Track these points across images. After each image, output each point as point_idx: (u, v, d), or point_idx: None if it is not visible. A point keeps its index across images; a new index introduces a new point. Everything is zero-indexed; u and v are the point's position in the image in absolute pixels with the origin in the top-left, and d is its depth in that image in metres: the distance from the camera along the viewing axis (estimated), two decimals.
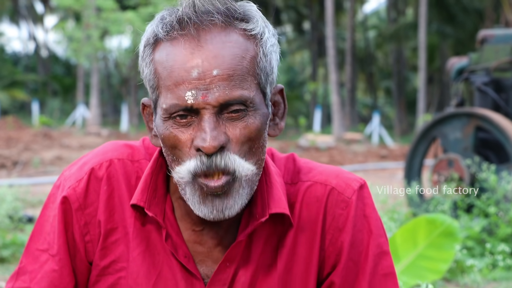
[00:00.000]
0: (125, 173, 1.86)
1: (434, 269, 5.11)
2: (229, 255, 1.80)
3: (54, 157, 16.70)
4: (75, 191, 1.84)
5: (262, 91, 1.71)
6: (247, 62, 1.66)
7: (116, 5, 25.67)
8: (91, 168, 1.86)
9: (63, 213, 1.85)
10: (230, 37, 1.66)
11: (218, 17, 1.66)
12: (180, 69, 1.63)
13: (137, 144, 1.93)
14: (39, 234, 1.89)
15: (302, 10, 52.57)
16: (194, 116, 1.65)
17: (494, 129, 7.73)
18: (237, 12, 1.69)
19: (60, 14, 52.08)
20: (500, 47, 8.58)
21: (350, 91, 40.94)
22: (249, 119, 1.67)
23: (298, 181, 1.88)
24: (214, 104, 1.63)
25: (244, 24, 1.69)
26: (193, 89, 1.62)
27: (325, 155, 19.59)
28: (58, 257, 1.84)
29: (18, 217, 7.40)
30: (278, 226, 1.84)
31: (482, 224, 6.71)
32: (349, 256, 1.85)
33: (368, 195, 1.89)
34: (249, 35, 1.69)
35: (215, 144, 1.62)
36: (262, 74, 1.69)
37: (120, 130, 30.10)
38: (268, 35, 1.72)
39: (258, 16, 1.73)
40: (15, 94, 42.47)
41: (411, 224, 5.31)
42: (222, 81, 1.62)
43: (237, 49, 1.65)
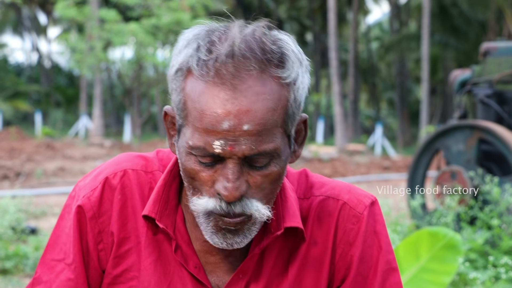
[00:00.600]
0: (139, 183, 1.88)
1: (437, 282, 5.10)
2: (243, 267, 1.82)
3: (57, 168, 16.71)
4: (90, 200, 1.86)
5: (287, 134, 1.72)
6: (278, 114, 1.66)
7: (119, 17, 25.69)
8: (105, 177, 1.88)
9: (78, 222, 1.86)
10: (265, 87, 1.64)
11: (255, 66, 1.63)
12: (212, 117, 1.62)
13: (151, 155, 1.94)
14: (54, 244, 1.90)
15: (304, 22, 52.66)
16: (219, 160, 1.67)
17: (497, 141, 7.73)
18: (274, 57, 1.66)
19: (63, 25, 52.20)
20: (503, 60, 8.59)
21: (353, 102, 40.98)
22: (272, 167, 1.69)
23: (310, 196, 1.91)
24: (240, 156, 1.64)
25: (279, 71, 1.66)
26: (222, 139, 1.62)
27: (328, 166, 19.58)
28: (73, 266, 1.86)
29: (21, 229, 7.40)
30: (290, 239, 1.87)
31: (485, 237, 6.70)
32: (358, 271, 1.87)
33: (379, 212, 1.92)
34: (283, 82, 1.67)
35: (237, 195, 1.65)
36: (290, 120, 1.70)
37: (123, 141, 30.12)
38: (302, 77, 1.71)
39: (294, 57, 1.70)
40: (18, 105, 42.51)
41: (413, 237, 5.31)
42: (250, 136, 1.62)
43: (270, 101, 1.64)
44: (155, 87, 30.26)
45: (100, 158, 19.63)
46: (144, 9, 26.17)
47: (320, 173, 15.64)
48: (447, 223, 6.84)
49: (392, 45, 39.55)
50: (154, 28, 25.10)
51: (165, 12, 24.99)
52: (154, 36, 25.20)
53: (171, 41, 26.73)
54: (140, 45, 25.23)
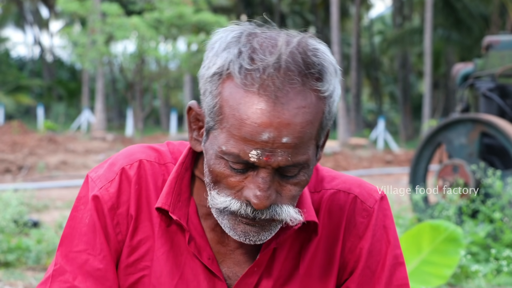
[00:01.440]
0: (153, 174, 1.89)
1: (439, 274, 5.11)
2: (259, 260, 1.84)
3: (59, 161, 16.72)
4: (108, 191, 1.87)
5: (317, 145, 1.74)
6: (314, 127, 1.68)
7: (121, 11, 25.68)
8: (121, 168, 1.88)
9: (97, 213, 1.86)
10: (305, 100, 1.65)
11: (298, 79, 1.64)
12: (252, 127, 1.63)
13: (163, 148, 1.95)
14: (71, 236, 1.89)
15: (307, 16, 52.60)
16: (251, 167, 1.68)
17: (499, 135, 7.73)
18: (315, 70, 1.67)
19: (66, 19, 52.19)
20: (505, 53, 8.58)
21: (355, 96, 40.96)
22: (301, 176, 1.71)
23: (321, 189, 1.93)
24: (274, 167, 1.66)
25: (319, 84, 1.67)
26: (259, 149, 1.63)
27: (330, 160, 19.57)
28: (102, 255, 1.86)
29: (23, 222, 7.40)
30: (302, 232, 1.89)
31: (487, 230, 6.71)
32: (367, 264, 1.90)
33: (388, 207, 1.94)
34: (322, 96, 1.68)
35: (267, 204, 1.67)
36: (322, 132, 1.73)
37: (125, 135, 30.14)
38: (337, 88, 1.73)
39: (332, 69, 1.70)
40: (20, 98, 42.55)
41: (415, 229, 5.31)
42: (287, 148, 1.64)
43: (309, 114, 1.65)
44: (157, 81, 30.30)
45: (102, 152, 19.63)
46: (146, 2, 26.18)
47: None
48: (449, 216, 6.84)
49: (395, 39, 39.50)
50: (156, 22, 25.09)
51: (167, 5, 24.99)
52: (156, 30, 25.20)
53: (173, 35, 26.73)
54: (142, 39, 25.21)
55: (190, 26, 25.69)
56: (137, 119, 28.05)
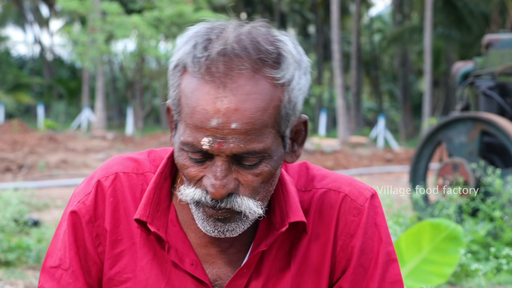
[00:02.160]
0: (130, 186, 1.90)
1: (439, 273, 5.11)
2: (249, 263, 1.84)
3: (60, 160, 16.73)
4: (85, 204, 1.88)
5: (281, 135, 1.72)
6: (269, 114, 1.66)
7: (121, 9, 25.70)
8: (97, 181, 1.90)
9: (72, 227, 1.89)
10: (257, 86, 1.64)
11: (247, 65, 1.64)
12: (201, 114, 1.64)
13: (142, 157, 1.95)
14: (52, 252, 1.93)
15: (307, 15, 52.60)
16: (209, 156, 1.68)
17: (500, 133, 7.73)
18: (269, 57, 1.67)
19: (66, 18, 52.19)
20: (505, 52, 8.58)
21: (355, 94, 40.97)
22: (263, 167, 1.69)
23: (312, 188, 1.92)
24: (228, 154, 1.65)
25: (274, 72, 1.66)
26: (210, 136, 1.63)
27: (330, 158, 19.58)
28: (70, 270, 1.88)
29: (24, 221, 7.41)
30: (291, 232, 1.88)
31: (487, 228, 6.71)
32: (359, 262, 1.89)
33: (379, 205, 1.94)
34: (277, 83, 1.67)
35: (223, 193, 1.67)
36: (283, 121, 1.70)
37: (125, 133, 30.13)
38: (298, 78, 1.71)
39: (291, 57, 1.70)
40: (20, 97, 42.54)
41: (415, 228, 5.32)
42: (239, 135, 1.63)
43: (260, 101, 1.65)
44: (158, 79, 30.29)
45: (102, 151, 19.65)
46: (146, 1, 26.19)
47: (322, 166, 15.56)
48: (449, 215, 6.85)
49: (395, 37, 39.48)
50: (157, 20, 25.10)
51: (168, 4, 24.99)
52: (157, 28, 25.21)
53: (173, 33, 26.73)
54: (142, 38, 25.23)
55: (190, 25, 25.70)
56: (137, 118, 28.07)
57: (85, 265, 1.88)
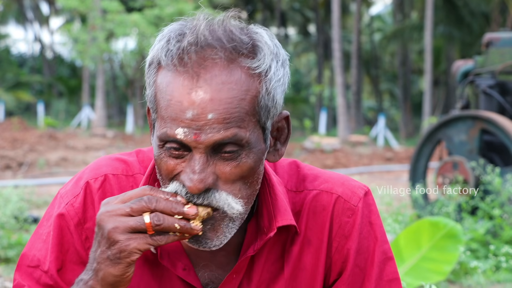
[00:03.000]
0: (120, 188, 1.86)
1: (438, 270, 5.12)
2: (237, 268, 1.81)
3: (59, 158, 16.74)
4: (73, 206, 1.85)
5: (262, 126, 1.68)
6: (246, 103, 1.63)
7: (122, 7, 25.70)
8: (86, 182, 1.86)
9: (59, 230, 1.84)
10: (232, 76, 1.62)
11: (221, 55, 1.62)
12: (176, 106, 1.61)
13: (131, 158, 1.92)
14: (29, 251, 1.88)
15: (307, 13, 52.59)
16: (187, 150, 1.64)
17: (499, 131, 7.74)
18: (244, 47, 1.65)
19: (66, 16, 52.17)
20: (505, 50, 8.58)
21: (355, 93, 40.96)
22: (242, 159, 1.65)
23: (303, 190, 1.89)
24: (206, 144, 1.61)
25: (249, 61, 1.64)
26: (186, 127, 1.60)
27: (330, 157, 19.58)
28: (49, 273, 1.84)
29: (24, 218, 7.42)
30: (283, 235, 1.85)
31: (487, 226, 6.72)
32: (355, 263, 1.87)
33: (373, 202, 1.91)
34: (253, 73, 1.65)
35: (200, 187, 1.62)
36: (263, 112, 1.67)
37: (125, 131, 30.13)
38: (274, 69, 1.68)
39: (266, 48, 1.67)
40: (20, 95, 42.52)
41: (414, 226, 5.33)
42: (217, 124, 1.60)
43: (236, 91, 1.62)
44: None
45: (102, 149, 19.65)
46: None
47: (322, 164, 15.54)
48: (448, 213, 6.86)
49: (394, 34, 39.48)
50: (157, 18, 25.08)
51: (168, 2, 24.99)
52: (157, 26, 25.17)
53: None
54: (142, 36, 25.22)
55: None
56: (137, 116, 28.07)
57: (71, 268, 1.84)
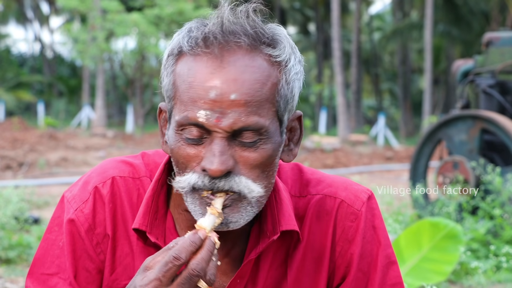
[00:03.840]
0: (127, 190, 1.87)
1: (439, 271, 5.12)
2: (241, 273, 1.81)
3: (60, 158, 16.73)
4: (83, 212, 1.84)
5: (279, 118, 1.69)
6: (268, 88, 1.64)
7: (122, 7, 25.69)
8: (94, 187, 1.86)
9: (71, 236, 1.84)
10: (254, 61, 1.64)
11: (244, 39, 1.63)
12: (199, 86, 1.62)
13: (137, 161, 1.92)
14: (44, 258, 1.88)
15: (307, 12, 52.57)
16: (206, 134, 1.64)
17: (500, 131, 7.74)
18: (265, 36, 1.67)
19: (66, 16, 52.16)
20: (505, 50, 8.58)
21: (355, 92, 40.95)
22: (261, 146, 1.66)
23: (307, 194, 1.89)
24: (227, 130, 1.62)
25: (270, 49, 1.66)
26: (208, 109, 1.61)
27: (331, 156, 19.58)
28: (69, 281, 1.84)
29: (24, 218, 7.41)
30: (286, 240, 1.85)
31: (487, 226, 6.72)
32: (359, 267, 1.87)
33: (376, 206, 1.91)
34: (274, 61, 1.66)
35: (222, 169, 1.62)
36: (282, 101, 1.68)
37: (125, 131, 30.13)
38: (293, 62, 1.70)
39: (286, 42, 1.70)
40: (20, 95, 42.52)
41: (415, 227, 5.33)
42: (238, 107, 1.60)
43: (259, 74, 1.63)
44: (158, 77, 30.24)
45: (102, 149, 19.65)
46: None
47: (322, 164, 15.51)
48: (449, 213, 6.85)
49: (394, 33, 39.47)
50: (157, 18, 25.08)
51: (168, 2, 24.98)
52: (157, 26, 25.21)
53: (173, 31, 26.72)
54: (142, 36, 25.22)
55: None
56: (137, 116, 28.07)
57: (84, 276, 1.84)
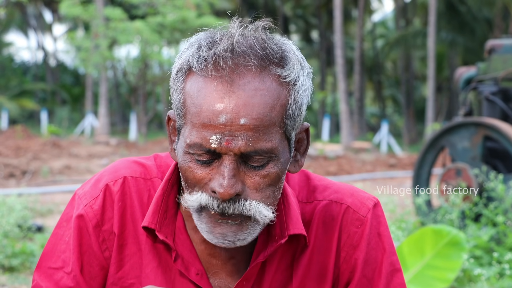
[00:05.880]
0: (138, 190, 1.88)
1: (442, 278, 5.12)
2: (247, 275, 1.82)
3: (63, 166, 16.75)
4: (92, 208, 1.86)
5: (287, 137, 1.71)
6: (276, 112, 1.66)
7: (125, 15, 25.73)
8: (105, 184, 1.88)
9: (78, 231, 1.86)
10: (264, 83, 1.65)
11: (254, 62, 1.65)
12: (209, 111, 1.63)
13: (149, 162, 1.93)
14: (51, 252, 1.90)
15: (310, 20, 52.60)
16: (216, 157, 1.66)
17: (502, 138, 7.74)
18: (274, 56, 1.68)
19: (69, 24, 52.23)
20: (508, 57, 8.59)
21: (358, 100, 40.93)
22: (270, 168, 1.68)
23: (313, 200, 1.91)
24: (236, 152, 1.64)
25: (279, 70, 1.68)
26: (218, 133, 1.62)
27: (334, 163, 19.57)
28: (72, 274, 1.86)
29: (27, 226, 7.42)
30: (293, 244, 1.87)
31: (490, 233, 6.71)
32: (363, 273, 1.88)
33: (382, 214, 1.93)
34: (283, 81, 1.68)
35: (231, 192, 1.64)
36: (289, 122, 1.70)
37: (128, 139, 30.15)
38: (302, 79, 1.71)
39: (295, 59, 1.71)
40: (24, 103, 42.54)
41: (417, 234, 5.33)
42: (247, 131, 1.62)
43: (268, 97, 1.65)
44: (161, 85, 30.31)
45: (105, 157, 19.66)
46: (149, 7, 26.19)
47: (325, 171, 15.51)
48: (452, 220, 6.85)
49: (397, 41, 39.47)
50: (160, 26, 25.12)
51: (170, 10, 25.02)
52: (160, 34, 25.24)
53: (176, 39, 26.76)
54: (145, 43, 25.25)
55: (193, 30, 25.62)
56: (140, 124, 28.08)
57: (88, 270, 1.86)
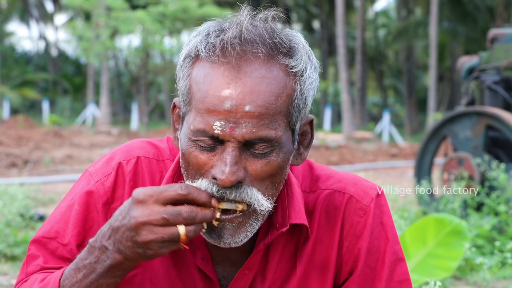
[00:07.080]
0: (150, 171, 1.88)
1: (444, 267, 5.13)
2: (249, 263, 1.82)
3: (65, 155, 16.75)
4: (103, 185, 1.86)
5: (291, 128, 1.71)
6: (282, 101, 1.65)
7: (126, 5, 25.68)
8: (118, 163, 1.88)
9: (85, 207, 1.86)
10: (271, 71, 1.64)
11: (262, 50, 1.64)
12: (214, 96, 1.63)
13: (162, 144, 1.93)
14: (48, 223, 1.90)
15: (312, 9, 52.52)
16: (219, 144, 1.66)
17: (505, 127, 7.73)
18: (282, 46, 1.68)
19: (70, 13, 52.17)
20: (510, 46, 8.57)
21: (360, 89, 40.90)
22: (272, 157, 1.67)
23: (316, 189, 1.91)
24: (240, 140, 1.63)
25: (287, 60, 1.67)
26: (222, 119, 1.62)
27: (335, 153, 19.56)
28: (69, 247, 1.86)
29: (29, 216, 7.42)
30: (296, 234, 1.87)
31: (492, 223, 6.71)
32: (366, 263, 1.88)
33: (385, 203, 1.93)
34: (290, 71, 1.67)
35: (233, 179, 1.64)
36: (294, 112, 1.69)
37: (130, 129, 30.15)
38: (309, 71, 1.71)
39: (303, 50, 1.71)
40: (25, 93, 42.55)
41: (419, 223, 5.33)
42: (252, 118, 1.62)
43: (274, 86, 1.64)
44: (162, 74, 30.27)
45: (107, 146, 19.66)
46: None
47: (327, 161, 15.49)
48: (454, 209, 6.85)
49: (400, 32, 39.40)
50: (161, 15, 25.06)
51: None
52: (161, 23, 25.18)
53: (178, 28, 26.72)
54: (147, 33, 25.19)
55: (195, 20, 25.66)
56: (142, 113, 28.06)
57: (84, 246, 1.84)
